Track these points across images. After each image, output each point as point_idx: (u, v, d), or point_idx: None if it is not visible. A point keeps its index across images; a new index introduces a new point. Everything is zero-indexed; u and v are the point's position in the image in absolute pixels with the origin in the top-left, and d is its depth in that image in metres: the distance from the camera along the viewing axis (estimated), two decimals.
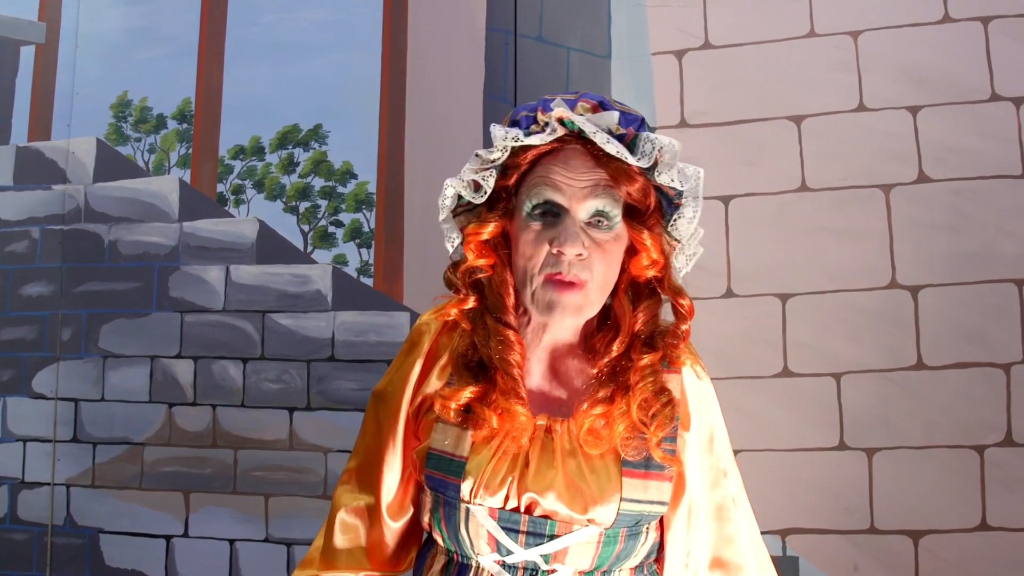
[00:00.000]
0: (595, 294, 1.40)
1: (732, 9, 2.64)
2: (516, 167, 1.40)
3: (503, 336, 1.41)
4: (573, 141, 1.38)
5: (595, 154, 1.37)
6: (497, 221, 1.42)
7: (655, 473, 1.41)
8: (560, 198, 1.36)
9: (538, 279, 1.37)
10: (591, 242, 1.37)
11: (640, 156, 1.36)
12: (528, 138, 1.37)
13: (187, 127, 3.05)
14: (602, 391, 1.40)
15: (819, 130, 2.56)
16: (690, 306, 1.45)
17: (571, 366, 1.47)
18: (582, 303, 1.38)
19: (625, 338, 1.42)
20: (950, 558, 2.38)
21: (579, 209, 1.36)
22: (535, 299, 1.39)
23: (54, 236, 3.08)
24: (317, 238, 2.93)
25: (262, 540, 2.84)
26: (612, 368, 1.42)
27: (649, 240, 1.40)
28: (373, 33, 2.92)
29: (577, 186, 1.36)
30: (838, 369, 2.49)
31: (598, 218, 1.37)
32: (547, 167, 1.38)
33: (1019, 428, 2.38)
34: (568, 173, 1.36)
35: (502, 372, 1.40)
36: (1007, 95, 2.45)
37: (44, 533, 3.01)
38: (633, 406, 1.38)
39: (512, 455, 1.39)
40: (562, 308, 1.37)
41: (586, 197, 1.36)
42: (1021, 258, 2.41)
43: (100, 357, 3.02)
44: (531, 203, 1.38)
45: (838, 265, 2.51)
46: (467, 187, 1.42)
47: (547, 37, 2.77)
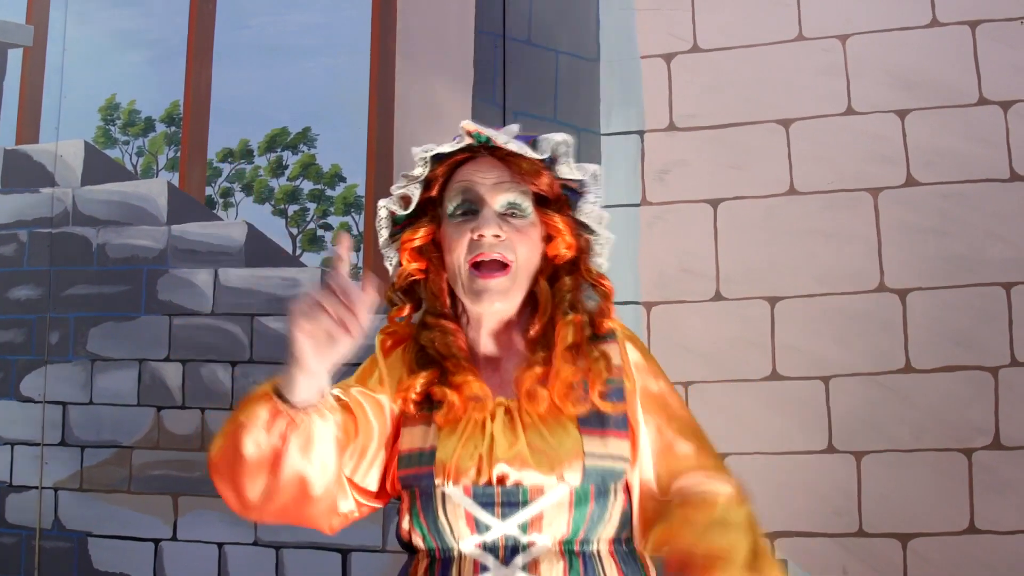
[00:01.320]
0: (520, 276, 1.50)
1: (721, 13, 2.65)
2: (436, 178, 1.54)
3: (442, 327, 1.52)
4: (483, 152, 1.52)
5: (504, 159, 1.51)
6: (427, 227, 1.54)
7: (612, 431, 1.48)
8: (476, 194, 1.50)
9: (464, 268, 1.48)
10: (509, 228, 1.49)
11: (540, 152, 1.51)
12: (440, 147, 1.51)
13: (175, 130, 3.04)
14: (535, 354, 1.49)
15: (807, 134, 2.56)
16: (610, 287, 1.57)
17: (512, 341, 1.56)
18: (508, 286, 1.49)
19: (546, 308, 1.53)
20: (938, 561, 2.38)
21: (494, 201, 1.50)
22: (465, 289, 1.49)
23: (42, 239, 3.07)
24: (306, 241, 2.92)
25: (251, 544, 2.84)
26: (541, 335, 1.52)
27: (561, 223, 1.53)
28: (362, 36, 2.92)
29: (489, 183, 1.50)
30: (827, 372, 2.50)
31: (512, 210, 1.50)
32: (464, 172, 1.52)
33: (1007, 431, 2.38)
34: (481, 173, 1.51)
35: (447, 358, 1.50)
36: (995, 99, 2.46)
37: (32, 537, 3.00)
38: (560, 356, 1.47)
39: (478, 434, 1.47)
40: (489, 293, 1.48)
41: (498, 191, 1.50)
42: (1009, 262, 2.42)
43: (88, 360, 3.01)
44: (452, 204, 1.51)
45: (827, 268, 2.52)
46: (398, 203, 1.54)
47: (536, 40, 2.77)
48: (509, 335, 1.56)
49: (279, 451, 1.35)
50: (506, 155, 1.52)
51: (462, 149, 1.55)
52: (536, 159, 1.51)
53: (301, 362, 1.31)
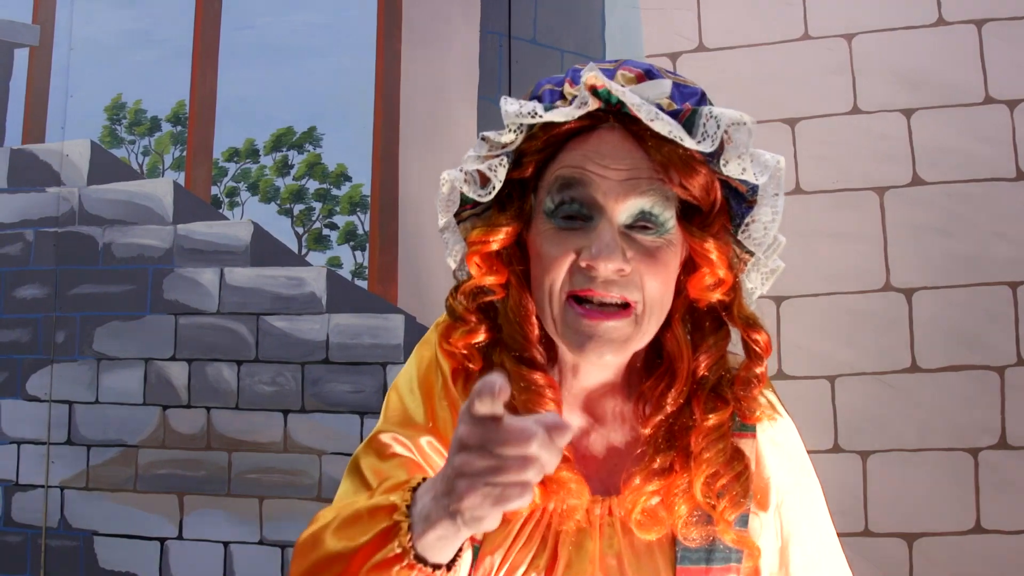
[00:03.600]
0: (646, 321, 1.04)
1: (726, 12, 2.64)
2: (534, 153, 1.05)
3: (528, 381, 1.06)
4: (610, 120, 1.03)
5: (639, 137, 1.02)
6: (510, 226, 1.07)
7: (719, 568, 1.08)
8: (592, 194, 1.02)
9: (559, 300, 1.03)
10: (635, 251, 1.02)
11: (701, 138, 1.00)
12: (549, 113, 1.02)
13: (181, 129, 3.05)
14: (658, 460, 1.07)
15: (813, 133, 2.55)
16: (767, 342, 1.10)
17: (610, 413, 1.13)
18: (629, 334, 1.03)
19: (684, 387, 1.08)
20: (944, 561, 2.37)
21: (617, 210, 1.02)
22: (561, 332, 1.04)
23: (48, 238, 3.08)
24: (311, 240, 2.93)
25: (256, 542, 2.84)
26: (668, 428, 1.08)
27: (714, 251, 1.04)
28: (367, 36, 2.92)
29: (615, 179, 1.01)
30: (832, 371, 2.49)
31: (644, 222, 1.02)
32: (574, 153, 1.04)
33: (1013, 430, 2.37)
34: (602, 161, 1.02)
35: None
36: (1001, 98, 2.45)
37: (38, 535, 3.00)
38: (697, 482, 1.05)
39: (538, 541, 1.07)
40: (599, 343, 1.02)
41: (627, 194, 1.01)
42: (1015, 261, 2.41)
43: (94, 359, 3.01)
44: (553, 200, 1.04)
45: (832, 268, 2.51)
46: (470, 180, 1.07)
47: (541, 39, 2.77)
48: (608, 397, 1.13)
49: None
50: (646, 131, 1.01)
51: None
52: (694, 149, 1.00)
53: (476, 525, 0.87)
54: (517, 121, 1.03)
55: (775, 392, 1.18)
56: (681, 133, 0.99)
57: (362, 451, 1.12)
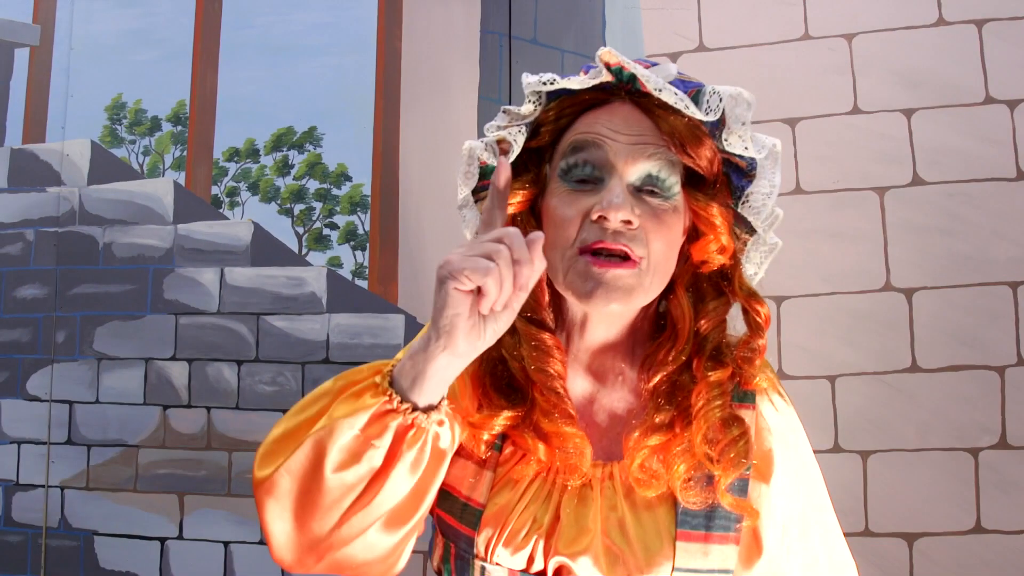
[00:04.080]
0: (650, 276, 1.08)
1: (726, 12, 2.64)
2: (550, 123, 1.12)
3: (538, 341, 1.11)
4: (622, 95, 1.10)
5: (649, 111, 1.09)
6: (524, 191, 1.12)
7: (718, 535, 1.10)
8: (603, 156, 1.07)
9: (572, 252, 1.07)
10: (643, 209, 1.07)
11: (706, 110, 1.07)
12: (564, 80, 1.09)
13: (181, 129, 3.05)
14: (659, 415, 1.10)
15: (813, 133, 2.56)
16: (767, 315, 1.14)
17: (615, 375, 1.17)
18: (633, 284, 1.07)
19: (683, 344, 1.12)
20: (945, 561, 2.37)
21: (628, 171, 1.07)
22: (570, 280, 1.07)
23: (48, 238, 3.08)
24: (312, 240, 2.92)
25: (257, 542, 2.84)
26: (670, 386, 1.12)
27: (718, 216, 1.10)
28: (368, 35, 2.91)
29: (625, 142, 1.07)
30: (832, 371, 2.49)
31: (651, 186, 1.08)
32: (587, 121, 1.10)
33: (1013, 431, 2.37)
34: (614, 127, 1.08)
35: (540, 387, 1.10)
36: (1001, 98, 2.45)
37: (38, 535, 3.00)
38: (697, 438, 1.09)
39: (542, 502, 1.10)
40: (607, 290, 1.06)
41: (636, 157, 1.07)
42: (1015, 261, 2.41)
43: (94, 359, 3.01)
44: (567, 163, 1.09)
45: (832, 267, 2.51)
46: (491, 149, 1.12)
47: (541, 39, 2.77)
48: (613, 356, 1.16)
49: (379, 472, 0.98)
50: (655, 106, 1.09)
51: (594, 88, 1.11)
52: (699, 119, 1.07)
53: (450, 336, 0.93)
54: (535, 89, 1.10)
55: (781, 388, 1.22)
56: (687, 102, 1.05)
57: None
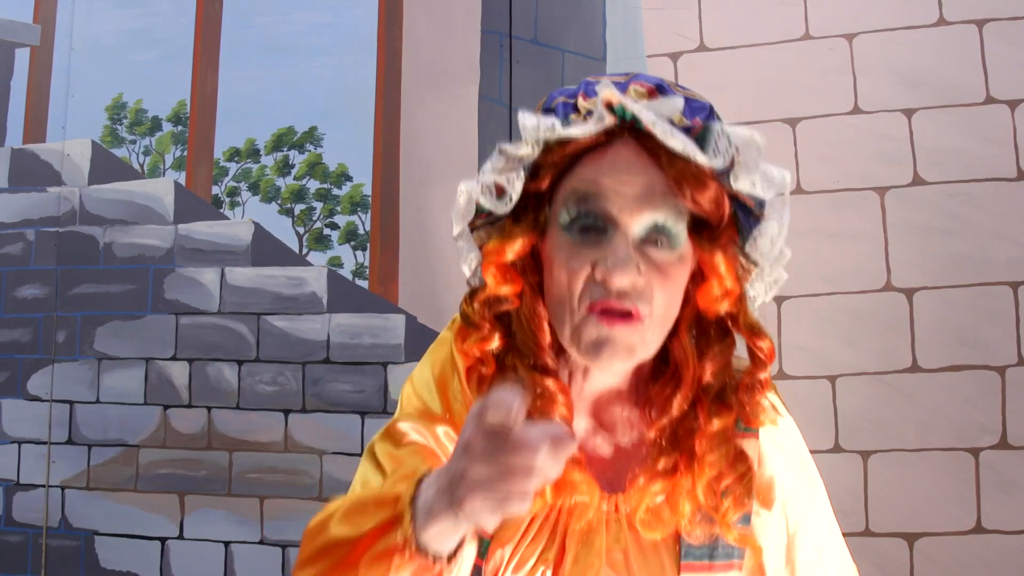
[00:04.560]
0: (653, 331, 1.07)
1: (727, 12, 2.65)
2: (550, 166, 1.08)
3: (542, 388, 1.10)
4: (624, 135, 1.06)
5: (653, 152, 1.05)
6: (525, 237, 1.10)
7: (722, 564, 1.12)
8: (607, 208, 1.04)
9: (579, 312, 1.05)
10: (648, 265, 1.05)
11: (713, 154, 1.03)
12: (567, 129, 1.05)
13: (182, 129, 3.05)
14: (662, 461, 1.11)
15: (814, 133, 2.56)
16: (771, 349, 1.13)
17: (617, 418, 1.17)
18: (636, 342, 1.06)
19: (689, 392, 1.11)
20: (945, 561, 2.37)
21: (632, 223, 1.04)
22: (576, 338, 1.06)
23: (49, 238, 3.08)
24: (312, 240, 2.93)
25: (257, 542, 2.84)
26: (673, 431, 1.12)
27: (723, 264, 1.08)
28: (368, 35, 2.92)
29: (630, 193, 1.04)
30: (833, 372, 2.49)
31: (656, 235, 1.05)
32: (590, 167, 1.07)
33: (1014, 430, 2.38)
34: (618, 176, 1.05)
35: None
36: (1002, 98, 2.45)
37: (39, 535, 3.00)
38: (700, 484, 1.09)
39: (547, 536, 1.10)
40: (612, 349, 1.05)
41: (641, 208, 1.04)
42: (1015, 260, 2.41)
43: (95, 359, 3.01)
44: (569, 214, 1.06)
45: (833, 268, 2.51)
46: (487, 192, 1.10)
47: (542, 39, 2.77)
48: (615, 402, 1.17)
49: None
50: (659, 146, 1.04)
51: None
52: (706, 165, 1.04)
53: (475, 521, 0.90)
54: (535, 136, 1.06)
55: (777, 393, 1.21)
56: (694, 149, 1.01)
57: (378, 439, 1.15)
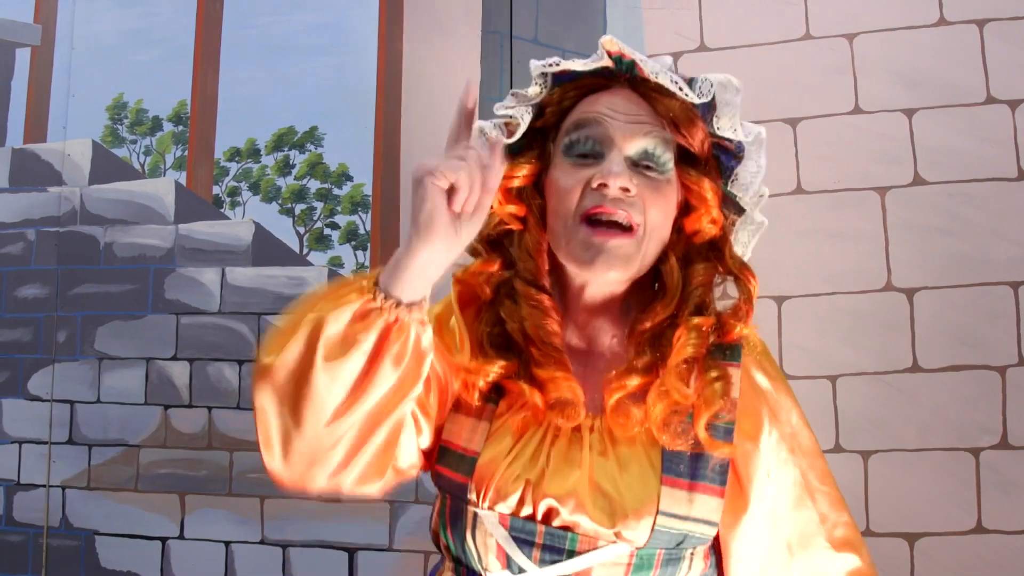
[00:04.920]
0: (647, 243, 1.17)
1: (727, 12, 2.65)
2: (555, 104, 1.21)
3: (536, 301, 1.18)
4: (622, 81, 1.19)
5: (646, 96, 1.18)
6: (530, 165, 1.20)
7: (703, 484, 1.15)
8: (604, 132, 1.16)
9: (574, 221, 1.15)
10: (640, 180, 1.15)
11: (698, 94, 1.17)
12: (568, 63, 1.18)
13: (183, 129, 3.05)
14: (639, 359, 1.17)
15: (814, 133, 2.56)
16: (755, 283, 1.24)
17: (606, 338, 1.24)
18: (631, 252, 1.15)
19: (672, 299, 1.19)
20: (946, 561, 2.37)
21: (625, 145, 1.16)
22: (572, 249, 1.16)
23: (49, 238, 3.08)
24: (313, 240, 2.93)
25: (257, 542, 2.84)
26: (653, 333, 1.18)
27: (709, 191, 1.19)
28: (369, 35, 2.92)
29: (624, 121, 1.16)
30: (833, 371, 2.49)
31: (647, 161, 1.17)
32: (589, 102, 1.19)
33: (1014, 431, 2.38)
34: (614, 108, 1.17)
35: (537, 341, 1.17)
36: (1002, 98, 2.45)
37: (39, 535, 3.00)
38: (672, 373, 1.15)
39: (532, 449, 1.16)
40: (607, 258, 1.14)
41: (634, 134, 1.16)
42: (1016, 260, 2.41)
43: (96, 359, 3.01)
44: (569, 138, 1.18)
45: (833, 268, 2.51)
46: (499, 128, 1.20)
47: (543, 39, 2.77)
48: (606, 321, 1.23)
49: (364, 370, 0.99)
50: (652, 91, 1.18)
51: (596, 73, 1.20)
52: (692, 102, 1.17)
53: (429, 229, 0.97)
54: (540, 70, 1.19)
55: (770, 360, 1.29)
56: (682, 84, 1.16)
57: None
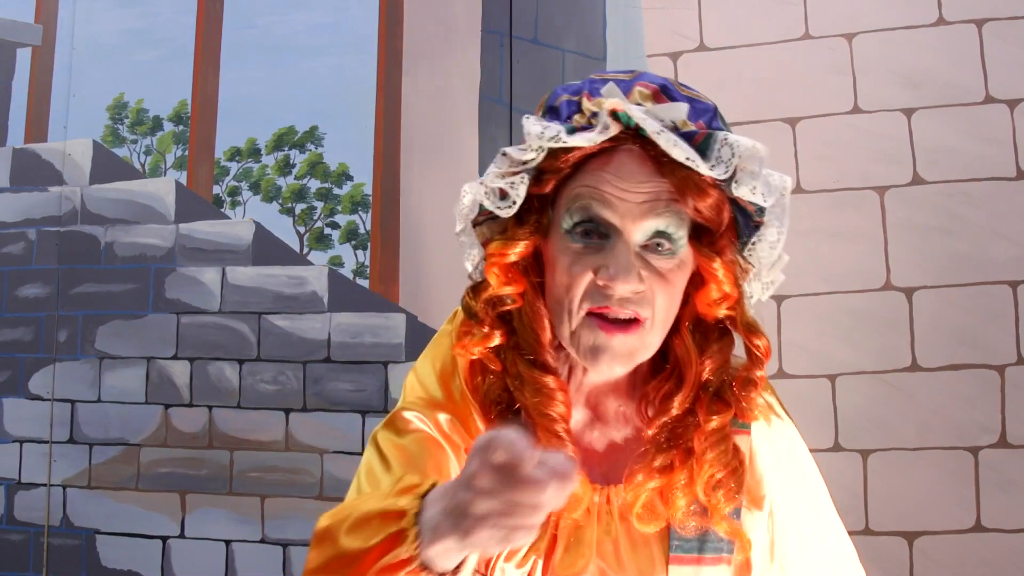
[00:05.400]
0: (653, 335, 1.10)
1: (727, 11, 2.65)
2: (554, 171, 1.09)
3: (541, 385, 1.12)
4: (628, 140, 1.07)
5: (656, 158, 1.06)
6: (528, 239, 1.12)
7: (711, 557, 1.13)
8: (610, 216, 1.06)
9: (579, 315, 1.08)
10: (649, 272, 1.07)
11: (715, 163, 1.04)
12: (572, 138, 1.06)
13: (183, 129, 3.05)
14: (660, 458, 1.12)
15: (814, 132, 2.56)
16: (767, 347, 1.16)
17: (613, 411, 1.19)
18: (636, 347, 1.09)
19: (690, 392, 1.13)
20: (944, 559, 2.38)
21: (634, 230, 1.06)
22: (576, 342, 1.09)
23: (50, 238, 3.08)
24: (313, 240, 2.93)
25: (258, 541, 2.84)
26: (671, 429, 1.13)
27: (721, 270, 1.10)
28: (369, 35, 2.92)
29: (633, 201, 1.06)
30: (833, 371, 2.49)
31: (658, 241, 1.07)
32: (594, 174, 1.08)
33: (1013, 429, 2.38)
34: (621, 184, 1.06)
35: (543, 429, 1.11)
36: (1001, 97, 2.45)
37: (40, 534, 3.01)
38: (700, 481, 1.10)
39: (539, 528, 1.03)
40: (611, 355, 1.08)
41: (644, 215, 1.06)
42: (1015, 260, 2.41)
43: (96, 358, 3.02)
44: (572, 219, 1.08)
45: (833, 267, 2.51)
46: (491, 195, 1.11)
47: (542, 39, 2.77)
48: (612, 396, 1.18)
49: None
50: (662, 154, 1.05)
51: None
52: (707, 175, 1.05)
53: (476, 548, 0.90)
54: (539, 143, 1.07)
55: (775, 395, 1.23)
56: (697, 160, 1.03)
57: (381, 427, 1.16)
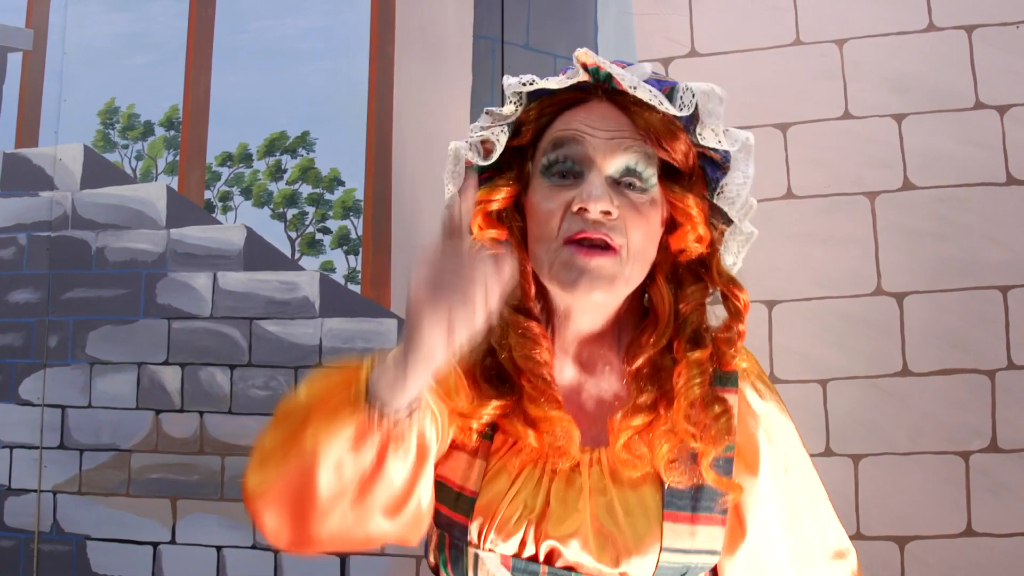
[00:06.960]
0: (631, 265, 1.13)
1: (718, 17, 2.65)
2: (531, 123, 1.17)
3: (524, 329, 1.15)
4: (599, 94, 1.15)
5: (625, 108, 1.14)
6: (508, 186, 1.17)
7: (704, 515, 1.14)
8: (583, 151, 1.12)
9: (556, 244, 1.11)
10: (622, 201, 1.12)
11: (680, 106, 1.12)
12: (543, 81, 1.14)
13: (175, 134, 3.05)
14: (642, 397, 1.15)
15: (805, 138, 2.56)
16: (746, 301, 1.19)
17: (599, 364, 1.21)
18: (615, 272, 1.12)
19: (665, 328, 1.16)
20: (936, 564, 2.38)
21: (605, 164, 1.12)
22: (555, 271, 1.12)
23: (41, 243, 3.07)
24: (305, 245, 2.93)
25: (249, 547, 2.84)
26: (652, 367, 1.16)
27: (694, 207, 1.15)
28: (360, 40, 2.92)
29: (603, 137, 1.12)
30: (824, 375, 2.50)
31: (629, 178, 1.13)
32: (567, 119, 1.15)
33: (1004, 434, 2.38)
34: (593, 124, 1.13)
35: (528, 374, 1.14)
36: (991, 103, 2.46)
37: (31, 540, 3.00)
38: (679, 416, 1.12)
39: (533, 488, 1.13)
40: (590, 278, 1.10)
41: (614, 151, 1.12)
42: (1006, 264, 2.42)
43: (87, 364, 3.01)
44: (548, 159, 1.14)
45: (824, 272, 2.52)
46: (475, 149, 1.18)
47: (534, 45, 2.78)
48: (598, 349, 1.20)
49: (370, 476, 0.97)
50: (631, 103, 1.14)
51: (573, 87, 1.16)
52: (674, 114, 1.13)
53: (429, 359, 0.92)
54: (515, 90, 1.16)
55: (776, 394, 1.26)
56: (661, 98, 1.11)
57: None
